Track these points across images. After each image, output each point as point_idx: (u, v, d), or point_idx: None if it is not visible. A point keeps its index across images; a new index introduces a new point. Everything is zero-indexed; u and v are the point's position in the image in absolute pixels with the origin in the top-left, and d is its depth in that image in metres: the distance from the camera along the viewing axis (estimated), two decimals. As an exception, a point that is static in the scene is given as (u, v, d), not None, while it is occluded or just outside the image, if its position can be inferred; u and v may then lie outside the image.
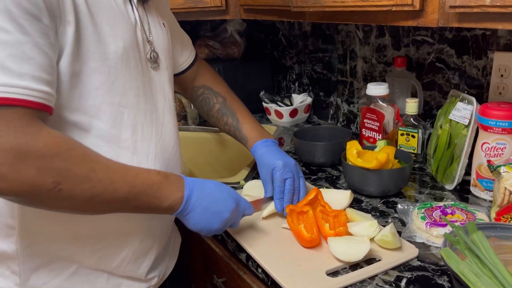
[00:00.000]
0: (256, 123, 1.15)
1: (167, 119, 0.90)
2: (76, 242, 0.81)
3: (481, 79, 1.18)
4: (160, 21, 0.92)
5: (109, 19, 0.75)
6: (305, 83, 1.81)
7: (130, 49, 0.78)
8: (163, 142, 0.88)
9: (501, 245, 0.78)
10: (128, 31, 0.79)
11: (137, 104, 0.81)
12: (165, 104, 0.90)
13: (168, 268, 1.00)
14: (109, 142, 0.78)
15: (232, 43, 1.91)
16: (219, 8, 1.42)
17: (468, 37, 1.18)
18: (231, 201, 0.85)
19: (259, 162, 1.08)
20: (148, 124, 0.84)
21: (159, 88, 0.89)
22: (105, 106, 0.76)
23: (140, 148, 0.82)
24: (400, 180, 1.09)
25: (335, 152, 1.26)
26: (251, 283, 0.96)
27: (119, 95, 0.78)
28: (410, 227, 0.94)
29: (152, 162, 0.85)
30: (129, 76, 0.79)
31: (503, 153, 1.00)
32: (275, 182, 1.01)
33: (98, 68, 0.74)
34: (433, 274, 0.81)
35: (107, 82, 0.75)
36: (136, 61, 0.81)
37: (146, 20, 0.86)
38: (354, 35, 1.52)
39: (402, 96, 1.36)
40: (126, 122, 0.80)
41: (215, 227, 0.83)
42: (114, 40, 0.75)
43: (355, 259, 0.83)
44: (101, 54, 0.73)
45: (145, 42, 0.85)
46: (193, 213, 0.80)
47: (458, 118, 1.08)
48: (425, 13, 0.89)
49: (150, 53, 0.86)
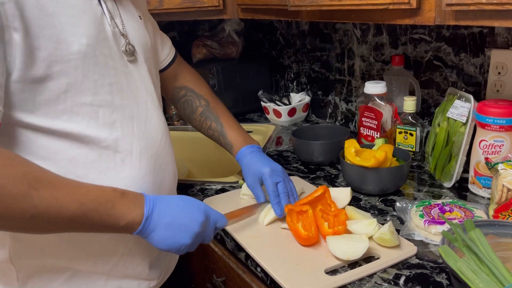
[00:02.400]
0: (241, 128, 1.13)
1: (151, 113, 0.87)
2: (70, 248, 0.80)
3: (479, 77, 1.18)
4: (135, 13, 0.90)
5: (69, 18, 0.71)
6: (303, 82, 1.81)
7: (96, 45, 0.75)
8: (148, 138, 0.86)
9: (499, 242, 0.78)
10: (93, 26, 0.75)
11: (112, 101, 0.79)
12: (148, 98, 0.87)
13: (170, 267, 0.99)
14: (88, 144, 0.76)
15: (230, 42, 1.91)
16: (217, 7, 1.42)
17: (465, 34, 1.18)
18: (199, 213, 0.80)
19: (245, 169, 1.06)
20: (128, 120, 0.82)
21: (140, 81, 0.86)
22: (77, 109, 0.74)
23: (122, 146, 0.80)
24: (398, 178, 1.10)
25: (334, 150, 1.26)
26: (251, 282, 0.96)
27: (90, 95, 0.75)
28: (408, 225, 0.94)
29: (137, 159, 0.83)
30: (99, 74, 0.76)
31: (500, 150, 1.00)
32: (267, 188, 1.00)
33: (62, 71, 0.71)
34: (431, 272, 0.81)
35: (74, 84, 0.73)
36: (105, 57, 0.77)
37: (118, 13, 0.83)
38: (352, 34, 1.52)
39: (400, 94, 1.36)
40: (103, 121, 0.77)
41: (185, 242, 0.77)
42: (77, 39, 0.72)
43: (353, 257, 0.83)
44: (63, 55, 0.70)
45: (118, 35, 0.81)
46: (156, 231, 0.75)
47: (455, 116, 1.08)
48: (422, 11, 0.89)
49: (126, 46, 0.83)
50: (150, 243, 0.77)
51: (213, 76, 1.77)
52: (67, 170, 0.74)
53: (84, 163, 0.76)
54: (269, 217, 0.99)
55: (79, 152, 0.75)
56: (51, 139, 0.73)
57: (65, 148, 0.74)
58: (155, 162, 0.86)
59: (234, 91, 1.83)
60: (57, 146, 0.74)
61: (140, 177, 0.83)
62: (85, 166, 0.77)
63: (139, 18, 0.91)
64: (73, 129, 0.74)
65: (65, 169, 0.74)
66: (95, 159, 0.77)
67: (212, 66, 1.78)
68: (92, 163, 0.77)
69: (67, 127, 0.73)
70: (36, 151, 0.73)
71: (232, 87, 1.82)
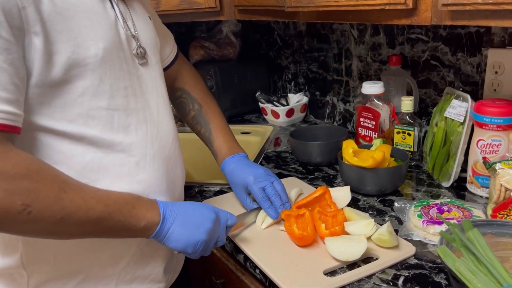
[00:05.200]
0: (228, 136, 1.12)
1: (162, 116, 0.87)
2: (82, 252, 0.79)
3: (476, 77, 1.18)
4: (146, 15, 0.89)
5: (86, 21, 0.71)
6: (301, 83, 1.81)
7: (112, 49, 0.75)
8: (161, 141, 0.86)
9: (497, 242, 0.79)
10: (108, 30, 0.75)
11: (127, 105, 0.79)
12: (159, 101, 0.87)
13: (177, 270, 0.98)
14: (102, 148, 0.76)
15: (227, 44, 1.91)
16: (214, 9, 1.42)
17: (462, 34, 1.19)
18: (209, 212, 0.83)
19: (229, 179, 1.06)
20: (142, 124, 0.82)
21: (151, 84, 0.86)
22: (92, 112, 0.74)
23: (136, 150, 0.80)
24: (396, 178, 1.10)
25: (332, 151, 1.26)
26: (250, 284, 0.96)
27: (106, 98, 0.75)
28: (407, 225, 0.94)
29: (151, 162, 0.83)
30: (115, 78, 0.76)
31: (498, 150, 1.00)
32: (255, 195, 1.00)
33: (79, 74, 0.71)
34: (430, 272, 0.81)
35: (91, 88, 0.73)
36: (120, 60, 0.77)
37: (129, 15, 0.83)
38: (349, 34, 1.52)
39: (398, 94, 1.36)
40: (118, 125, 0.77)
41: (202, 238, 0.80)
42: (94, 43, 0.72)
43: (352, 258, 0.83)
44: (81, 59, 0.70)
45: (130, 38, 0.81)
46: (172, 230, 0.78)
47: (453, 115, 1.08)
48: (418, 12, 0.89)
49: (137, 49, 0.82)
50: (167, 245, 0.79)
51: (211, 78, 1.77)
52: (82, 175, 0.74)
53: (98, 167, 0.76)
54: (267, 221, 0.99)
55: (94, 156, 0.75)
56: (66, 143, 0.73)
57: (80, 152, 0.74)
58: (167, 164, 0.87)
59: (232, 93, 1.82)
60: (72, 150, 0.73)
61: (154, 180, 0.83)
62: (100, 170, 0.76)
63: (149, 19, 0.90)
64: (88, 133, 0.74)
65: (80, 173, 0.74)
66: (110, 163, 0.77)
67: (209, 68, 1.78)
68: (107, 167, 0.77)
69: (82, 131, 0.73)
70: (51, 155, 0.72)
71: (230, 89, 1.82)
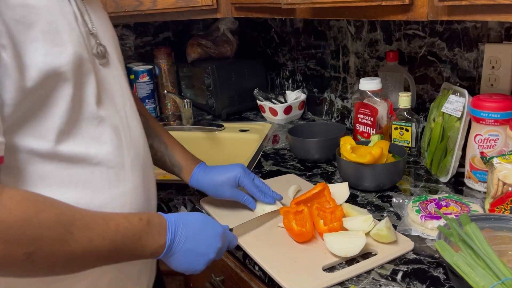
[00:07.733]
0: (184, 147, 1.06)
1: (131, 119, 0.80)
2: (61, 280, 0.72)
3: (473, 72, 1.19)
4: (101, 5, 0.81)
5: (51, 25, 0.63)
6: (299, 80, 1.81)
7: (79, 51, 0.67)
8: (135, 147, 0.79)
9: (495, 236, 0.79)
10: (71, 30, 0.66)
11: (96, 113, 0.70)
12: (126, 103, 0.79)
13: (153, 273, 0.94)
14: (78, 163, 0.69)
15: (224, 41, 1.91)
16: (210, 7, 1.42)
17: (459, 29, 1.19)
18: (217, 239, 0.79)
19: (212, 185, 1.00)
20: (113, 131, 0.74)
21: (115, 86, 0.77)
22: (63, 127, 0.66)
23: (113, 160, 0.73)
24: (394, 174, 1.10)
25: (330, 147, 1.26)
26: (249, 281, 0.96)
27: (77, 109, 0.67)
28: (405, 220, 0.95)
29: (129, 172, 0.76)
30: (84, 84, 0.68)
31: (495, 144, 1.01)
32: (249, 188, 1.00)
33: (52, 86, 0.63)
34: (428, 267, 0.81)
35: (64, 98, 0.65)
36: (87, 63, 0.69)
37: (85, 10, 0.74)
38: (346, 31, 1.52)
39: (395, 90, 1.36)
40: (91, 136, 0.70)
41: (199, 268, 0.79)
42: (64, 48, 0.64)
43: (351, 254, 0.83)
44: (54, 69, 0.62)
45: (88, 35, 0.72)
46: (175, 257, 0.75)
47: (450, 111, 1.08)
48: (415, 7, 0.89)
49: (96, 47, 0.73)
50: (168, 265, 0.77)
51: (208, 76, 1.77)
52: (58, 195, 0.64)
53: (76, 185, 0.69)
54: (267, 209, 1.01)
55: (68, 173, 0.68)
56: (36, 162, 0.65)
57: (52, 170, 0.66)
58: (144, 172, 0.81)
59: (230, 90, 1.82)
60: (43, 170, 0.66)
61: (134, 191, 0.78)
62: (77, 187, 0.69)
63: (103, 10, 0.82)
64: (61, 150, 0.66)
65: (55, 194, 0.65)
66: (87, 178, 0.70)
67: (207, 66, 1.78)
68: (85, 183, 0.70)
69: (55, 149, 0.66)
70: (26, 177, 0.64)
71: (228, 86, 1.82)
